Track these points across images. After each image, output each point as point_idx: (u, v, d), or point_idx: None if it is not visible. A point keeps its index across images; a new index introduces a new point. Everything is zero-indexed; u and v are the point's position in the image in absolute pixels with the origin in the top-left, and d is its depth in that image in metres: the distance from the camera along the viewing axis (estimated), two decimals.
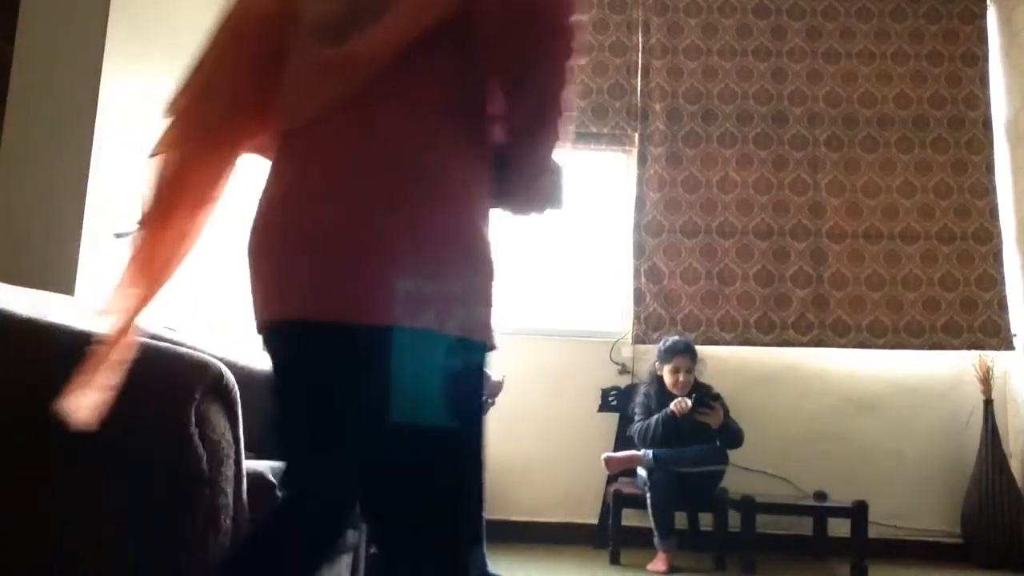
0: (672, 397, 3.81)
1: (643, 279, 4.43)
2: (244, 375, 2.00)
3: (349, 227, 1.02)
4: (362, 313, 1.01)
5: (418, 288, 1.01)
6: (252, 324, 1.15)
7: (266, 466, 1.67)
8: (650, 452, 3.74)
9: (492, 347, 1.11)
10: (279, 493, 1.37)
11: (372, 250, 1.01)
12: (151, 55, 3.07)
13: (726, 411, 3.91)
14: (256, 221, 1.12)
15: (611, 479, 4.16)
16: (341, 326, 1.01)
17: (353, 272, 1.01)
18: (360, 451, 1.07)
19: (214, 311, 3.73)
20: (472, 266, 1.08)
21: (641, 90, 4.61)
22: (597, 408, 4.32)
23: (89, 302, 2.26)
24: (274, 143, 1.15)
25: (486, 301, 1.09)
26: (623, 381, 4.39)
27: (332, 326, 1.02)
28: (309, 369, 1.08)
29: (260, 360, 2.65)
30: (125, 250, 1.17)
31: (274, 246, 1.08)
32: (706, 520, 3.93)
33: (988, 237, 4.43)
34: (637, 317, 4.39)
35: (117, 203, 2.83)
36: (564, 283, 4.66)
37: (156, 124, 1.17)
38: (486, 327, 1.09)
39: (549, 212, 1.24)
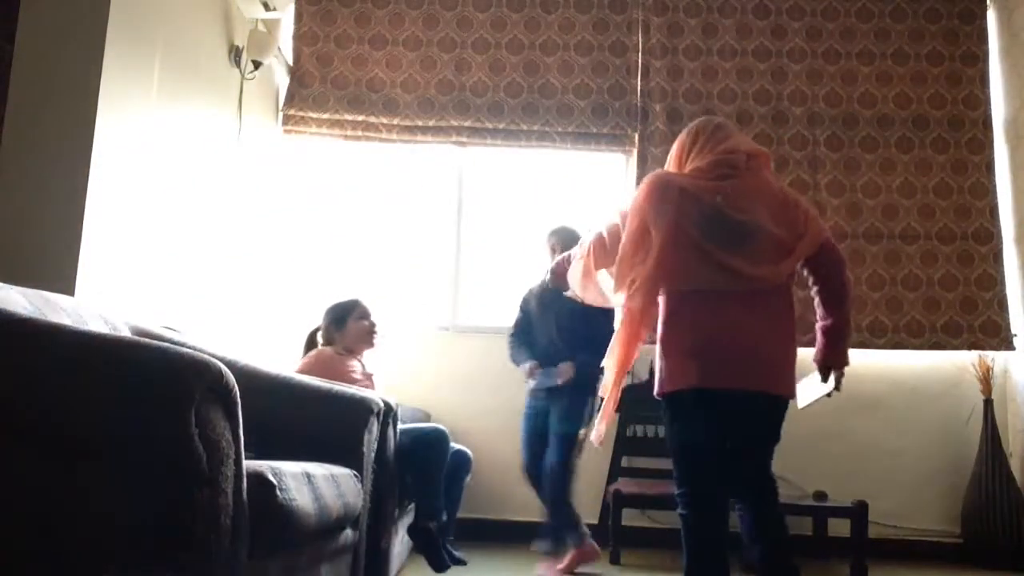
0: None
1: None
2: (244, 375, 2.00)
3: (780, 353, 2.28)
4: (788, 391, 2.31)
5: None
6: (701, 383, 2.22)
7: (266, 466, 1.67)
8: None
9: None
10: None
11: (789, 364, 2.30)
12: (151, 55, 3.08)
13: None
14: (695, 334, 2.23)
15: (611, 479, 4.16)
16: (779, 397, 2.29)
17: (785, 373, 2.29)
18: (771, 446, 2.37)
19: (214, 311, 3.73)
20: None
21: (641, 90, 4.61)
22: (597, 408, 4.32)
23: (89, 302, 2.26)
24: (666, 295, 2.30)
25: None
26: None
27: (777, 396, 2.28)
28: (765, 411, 2.28)
29: (260, 360, 2.65)
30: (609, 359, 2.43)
31: (734, 354, 2.22)
32: None
33: (988, 237, 4.43)
34: None
35: (117, 203, 2.84)
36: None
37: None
38: None
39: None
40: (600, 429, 2.42)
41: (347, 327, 3.37)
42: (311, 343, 3.49)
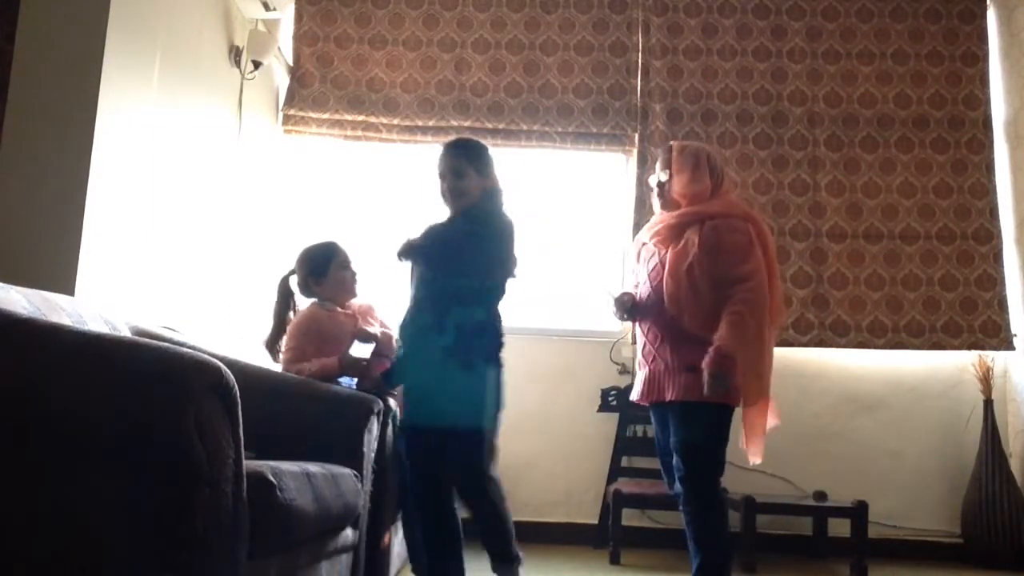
0: None
1: None
2: (244, 375, 2.00)
3: None
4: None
5: None
6: None
7: (266, 466, 1.67)
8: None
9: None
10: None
11: None
12: (151, 55, 3.07)
13: None
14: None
15: (611, 479, 4.16)
16: None
17: None
18: None
19: (214, 311, 3.73)
20: None
21: (641, 90, 4.61)
22: (597, 408, 4.32)
23: (89, 302, 2.26)
24: None
25: None
26: (623, 381, 4.39)
27: None
28: None
29: (260, 361, 2.65)
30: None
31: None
32: None
33: (988, 237, 4.43)
34: None
35: (117, 203, 2.84)
36: (564, 283, 4.66)
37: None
38: None
39: None
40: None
41: (329, 276, 3.02)
42: (286, 292, 3.11)
